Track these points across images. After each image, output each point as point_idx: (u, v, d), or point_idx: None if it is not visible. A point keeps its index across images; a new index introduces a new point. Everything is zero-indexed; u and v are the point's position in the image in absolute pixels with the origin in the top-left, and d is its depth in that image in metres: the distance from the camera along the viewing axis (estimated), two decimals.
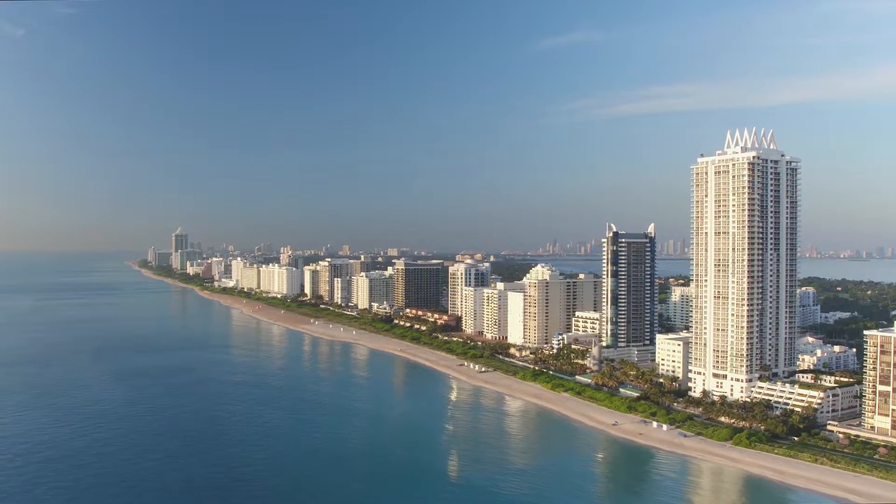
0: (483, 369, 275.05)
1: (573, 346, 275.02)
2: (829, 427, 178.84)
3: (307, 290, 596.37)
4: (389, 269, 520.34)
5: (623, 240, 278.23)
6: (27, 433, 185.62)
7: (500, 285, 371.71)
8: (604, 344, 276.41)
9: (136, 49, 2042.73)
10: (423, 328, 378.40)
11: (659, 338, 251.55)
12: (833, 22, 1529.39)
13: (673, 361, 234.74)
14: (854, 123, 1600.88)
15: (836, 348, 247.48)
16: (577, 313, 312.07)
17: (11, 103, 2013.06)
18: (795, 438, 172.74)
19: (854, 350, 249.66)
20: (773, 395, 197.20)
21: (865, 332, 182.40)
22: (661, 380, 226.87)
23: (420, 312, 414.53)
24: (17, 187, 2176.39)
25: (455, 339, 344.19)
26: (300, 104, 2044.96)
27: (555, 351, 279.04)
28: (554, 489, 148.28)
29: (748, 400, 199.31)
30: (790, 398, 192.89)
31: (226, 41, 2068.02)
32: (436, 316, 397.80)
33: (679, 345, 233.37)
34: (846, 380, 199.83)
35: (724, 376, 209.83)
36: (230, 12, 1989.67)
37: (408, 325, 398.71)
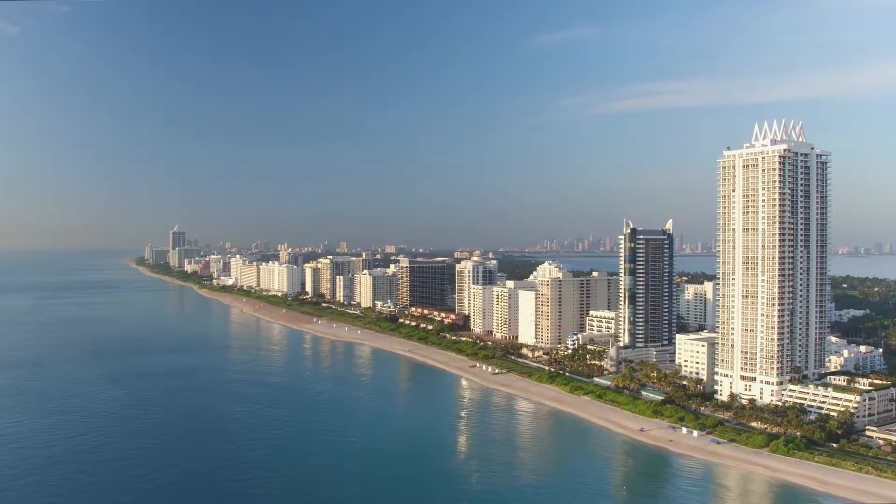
0: (497, 371, 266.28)
1: (589, 347, 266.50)
2: (867, 432, 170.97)
3: (308, 288, 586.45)
4: (392, 266, 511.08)
5: (641, 236, 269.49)
6: (25, 438, 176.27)
7: (510, 283, 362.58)
8: (621, 344, 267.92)
9: (131, 47, 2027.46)
10: (430, 327, 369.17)
11: (680, 338, 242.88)
12: (831, 19, 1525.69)
13: (697, 363, 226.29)
14: (852, 120, 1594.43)
15: (863, 348, 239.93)
16: (591, 312, 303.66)
17: (7, 102, 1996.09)
18: (834, 445, 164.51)
19: (880, 350, 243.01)
20: (805, 399, 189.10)
21: None
22: (684, 382, 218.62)
23: (426, 311, 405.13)
24: (13, 186, 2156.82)
25: (464, 338, 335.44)
26: (296, 101, 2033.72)
27: (570, 351, 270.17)
28: (585, 500, 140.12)
29: (779, 404, 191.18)
30: (824, 402, 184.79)
31: (222, 39, 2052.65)
32: (442, 315, 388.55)
33: (703, 346, 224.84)
34: (881, 382, 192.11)
35: (753, 379, 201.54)
36: (227, 10, 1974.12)
37: (413, 324, 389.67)
